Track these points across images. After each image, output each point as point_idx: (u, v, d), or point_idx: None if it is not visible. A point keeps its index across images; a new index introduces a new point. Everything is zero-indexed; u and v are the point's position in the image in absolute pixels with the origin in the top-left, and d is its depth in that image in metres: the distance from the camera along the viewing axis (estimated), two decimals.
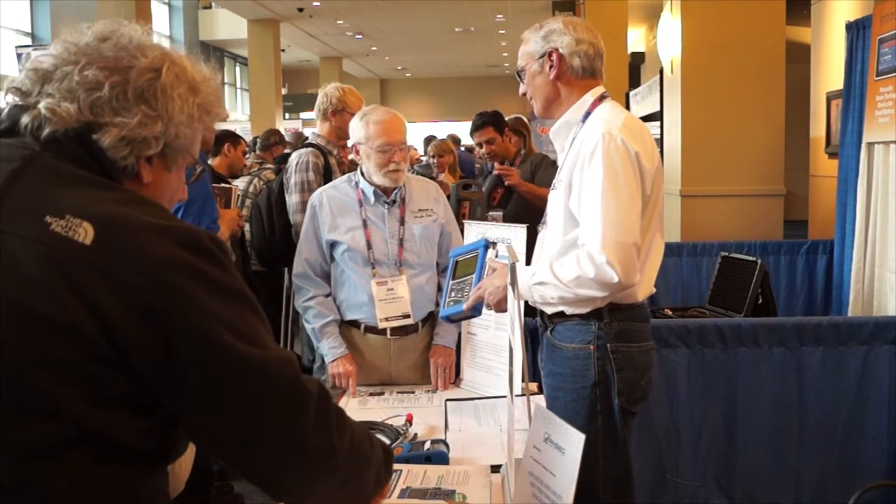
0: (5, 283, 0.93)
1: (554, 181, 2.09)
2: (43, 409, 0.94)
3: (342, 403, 2.51)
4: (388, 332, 2.62)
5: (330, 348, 2.62)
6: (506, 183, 3.98)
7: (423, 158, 7.55)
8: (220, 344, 0.97)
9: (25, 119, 1.03)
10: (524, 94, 2.17)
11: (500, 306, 2.03)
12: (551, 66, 2.06)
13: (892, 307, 3.80)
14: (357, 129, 2.65)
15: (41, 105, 1.03)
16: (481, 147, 4.33)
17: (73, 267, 0.93)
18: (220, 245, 1.03)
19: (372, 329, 2.63)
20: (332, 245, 2.64)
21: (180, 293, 0.95)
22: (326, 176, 3.46)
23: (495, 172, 4.03)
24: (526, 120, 4.70)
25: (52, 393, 0.93)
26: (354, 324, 2.67)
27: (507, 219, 4.12)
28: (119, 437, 0.98)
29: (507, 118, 4.41)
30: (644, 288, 2.02)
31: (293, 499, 1.14)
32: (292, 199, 3.47)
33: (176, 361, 0.96)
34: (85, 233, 0.94)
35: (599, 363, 1.96)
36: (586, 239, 1.89)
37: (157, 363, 0.96)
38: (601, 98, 2.07)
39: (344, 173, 3.17)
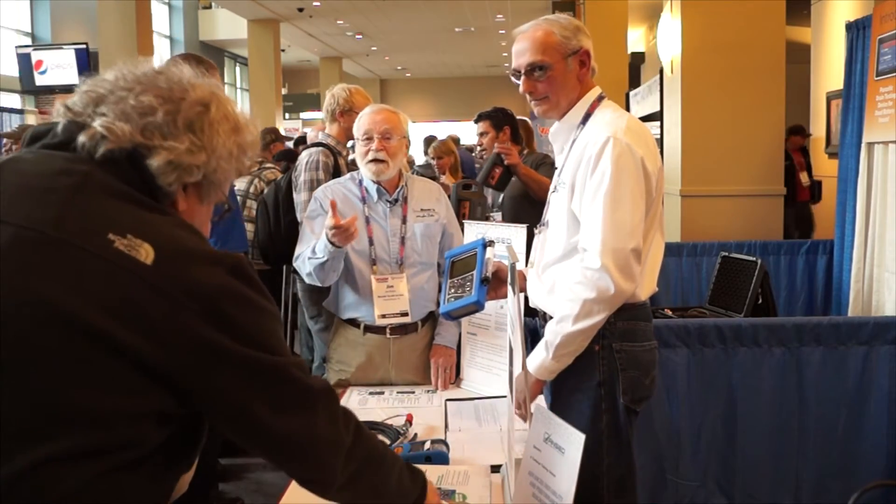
0: (65, 293, 0.95)
1: (554, 183, 2.08)
2: (75, 418, 0.96)
3: (343, 400, 2.50)
4: (388, 331, 2.63)
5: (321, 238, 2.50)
6: (505, 162, 3.95)
7: (425, 159, 7.55)
8: (259, 361, 1.07)
9: (82, 138, 1.06)
10: (531, 92, 2.04)
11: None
12: (582, 65, 2.03)
13: (891, 307, 3.80)
14: (354, 128, 2.73)
15: (97, 123, 1.06)
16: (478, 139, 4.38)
17: (134, 285, 0.98)
18: (253, 268, 1.11)
19: (371, 328, 2.64)
20: None
21: (231, 320, 1.04)
22: (335, 176, 3.48)
23: (495, 150, 4.00)
24: (529, 122, 4.69)
25: (89, 404, 0.96)
26: (354, 322, 2.67)
27: (506, 203, 4.13)
28: (139, 447, 1.01)
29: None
30: (646, 287, 2.02)
31: (314, 478, 1.22)
32: (300, 197, 3.48)
33: (219, 377, 1.04)
34: (146, 253, 0.99)
35: (604, 362, 1.96)
36: (585, 243, 1.90)
37: (201, 378, 1.03)
38: (599, 99, 2.07)
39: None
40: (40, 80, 9.98)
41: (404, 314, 2.61)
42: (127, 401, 0.99)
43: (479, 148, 4.43)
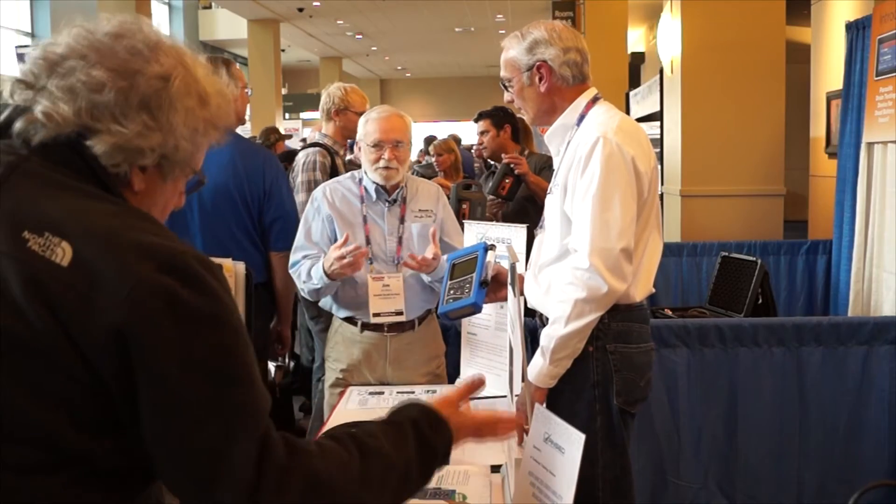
0: None
1: (550, 185, 2.10)
2: (21, 432, 0.91)
3: (343, 400, 2.51)
4: (386, 328, 2.63)
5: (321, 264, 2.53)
6: (515, 172, 3.96)
7: (426, 159, 7.54)
8: (177, 382, 0.91)
9: (20, 124, 0.99)
10: (510, 102, 2.15)
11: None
12: (541, 79, 2.04)
13: (889, 307, 3.80)
14: (360, 127, 2.72)
15: (37, 109, 0.98)
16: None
17: (51, 288, 0.90)
18: (209, 266, 0.97)
19: (369, 326, 2.64)
20: (333, 237, 2.66)
21: (149, 320, 0.90)
22: (333, 176, 3.48)
23: (505, 161, 4.02)
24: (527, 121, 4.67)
25: (30, 415, 0.91)
26: (351, 320, 2.67)
27: (511, 211, 4.13)
28: (100, 458, 0.94)
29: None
30: (642, 288, 2.02)
31: None
32: (298, 198, 3.48)
33: (138, 389, 0.91)
34: (63, 253, 0.91)
35: (598, 364, 1.96)
36: (575, 244, 1.90)
37: (126, 389, 0.92)
38: (594, 100, 2.07)
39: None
40: None
41: (399, 313, 2.61)
42: (67, 412, 0.91)
43: (479, 146, 4.44)
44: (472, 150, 8.12)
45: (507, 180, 3.96)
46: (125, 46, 1.02)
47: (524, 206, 3.99)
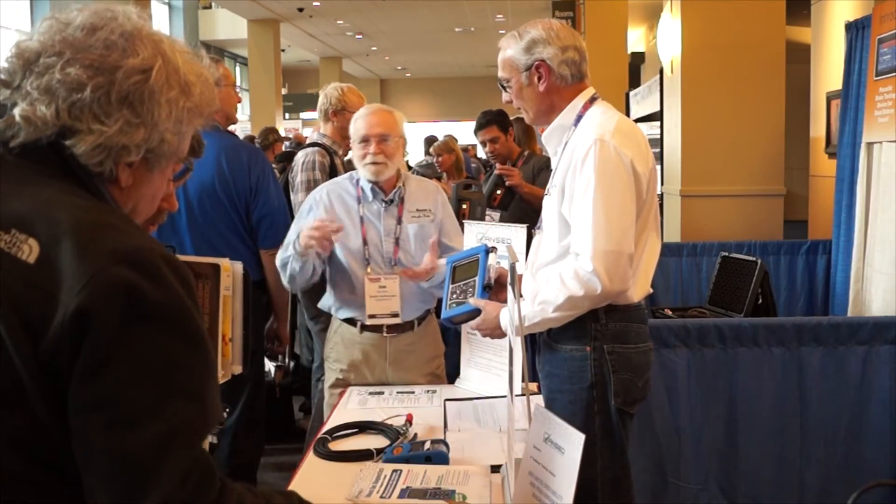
0: None
1: (548, 186, 2.09)
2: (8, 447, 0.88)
3: (343, 400, 2.51)
4: (385, 329, 2.63)
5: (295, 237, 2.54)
6: (507, 183, 3.97)
7: (426, 159, 7.54)
8: (115, 377, 0.87)
9: None
10: (509, 102, 2.14)
11: (495, 335, 2.07)
12: (540, 79, 2.03)
13: (878, 306, 3.79)
14: (350, 128, 2.74)
15: (16, 111, 0.96)
16: (485, 146, 4.35)
17: (16, 286, 0.88)
18: (177, 268, 0.94)
19: (368, 327, 2.64)
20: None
21: (104, 308, 0.87)
22: (332, 175, 3.48)
23: (497, 172, 4.02)
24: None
25: (7, 424, 0.88)
26: (351, 321, 2.67)
27: (508, 220, 4.12)
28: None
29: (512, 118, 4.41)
30: (639, 289, 2.01)
31: None
32: (297, 198, 3.48)
33: (73, 375, 0.88)
34: (29, 250, 0.89)
35: (596, 364, 1.96)
36: (577, 247, 1.90)
37: (70, 412, 0.88)
38: (592, 100, 2.06)
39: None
40: None
41: (394, 315, 2.61)
42: (31, 411, 0.88)
43: (490, 155, 4.41)
44: (467, 151, 8.13)
45: (498, 192, 3.98)
46: (101, 40, 0.99)
47: (521, 207, 3.98)
